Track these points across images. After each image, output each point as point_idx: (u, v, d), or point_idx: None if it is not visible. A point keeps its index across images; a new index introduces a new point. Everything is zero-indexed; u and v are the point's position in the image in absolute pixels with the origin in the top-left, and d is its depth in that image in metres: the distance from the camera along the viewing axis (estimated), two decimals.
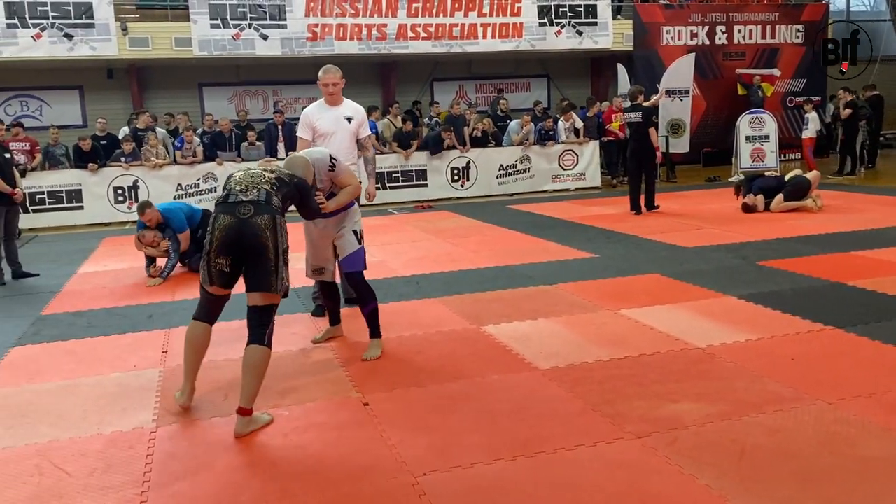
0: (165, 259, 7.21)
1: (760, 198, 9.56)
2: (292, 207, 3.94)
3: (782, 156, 14.58)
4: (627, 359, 4.25)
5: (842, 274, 6.00)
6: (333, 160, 4.32)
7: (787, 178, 9.85)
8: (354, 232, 4.53)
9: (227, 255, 3.54)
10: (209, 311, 3.76)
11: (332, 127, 5.21)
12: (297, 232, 4.53)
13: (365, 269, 4.59)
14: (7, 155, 7.51)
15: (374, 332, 4.58)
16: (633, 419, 3.42)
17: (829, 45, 14.07)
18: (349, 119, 5.31)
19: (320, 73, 5.28)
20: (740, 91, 16.09)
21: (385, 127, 13.42)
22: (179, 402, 3.78)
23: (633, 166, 10.19)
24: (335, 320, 4.95)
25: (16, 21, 12.47)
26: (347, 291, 5.80)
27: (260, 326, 3.51)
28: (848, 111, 13.69)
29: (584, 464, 3.03)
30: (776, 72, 16.05)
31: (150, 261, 7.30)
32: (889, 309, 5.04)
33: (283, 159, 9.76)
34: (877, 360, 4.07)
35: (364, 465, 3.10)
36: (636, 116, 10.05)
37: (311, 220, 4.39)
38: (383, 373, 4.22)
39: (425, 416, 3.60)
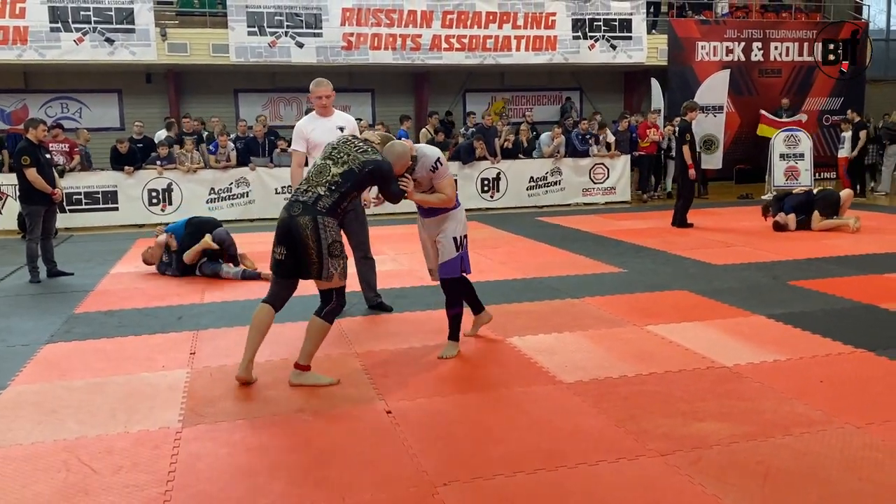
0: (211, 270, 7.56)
1: (792, 217, 9.44)
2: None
3: (817, 174, 14.38)
4: (653, 375, 4.21)
5: (874, 296, 5.90)
6: (440, 163, 4.45)
7: (815, 191, 9.75)
8: (454, 239, 4.59)
9: (280, 245, 4.07)
10: (275, 295, 4.22)
11: (326, 137, 5.26)
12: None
13: (467, 272, 4.66)
14: (48, 155, 7.69)
15: (453, 335, 4.71)
16: (656, 436, 3.40)
17: (830, 45, 13.75)
18: (341, 128, 5.50)
19: (312, 86, 5.62)
20: (759, 132, 15.31)
21: (422, 136, 13.50)
22: (238, 374, 4.16)
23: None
24: (478, 308, 4.98)
25: (59, 25, 12.76)
26: (370, 299, 5.85)
27: (322, 302, 4.12)
28: (864, 133, 13.41)
29: (606, 480, 3.01)
30: (803, 117, 15.62)
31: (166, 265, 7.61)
32: None
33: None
34: None
35: (385, 474, 3.11)
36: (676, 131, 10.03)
37: (394, 203, 4.45)
38: (407, 381, 4.23)
39: (447, 426, 3.60)
